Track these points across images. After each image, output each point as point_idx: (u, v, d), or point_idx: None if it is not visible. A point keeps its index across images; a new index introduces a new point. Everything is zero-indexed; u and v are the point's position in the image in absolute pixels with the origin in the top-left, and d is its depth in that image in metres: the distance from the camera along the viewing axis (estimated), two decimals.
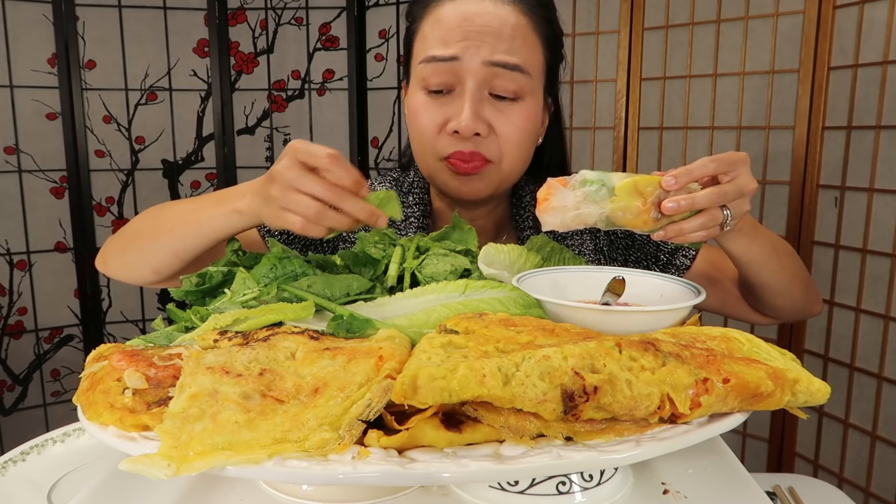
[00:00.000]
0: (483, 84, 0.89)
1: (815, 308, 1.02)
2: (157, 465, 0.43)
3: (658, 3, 1.95)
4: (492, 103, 0.91)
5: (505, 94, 0.90)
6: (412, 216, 1.03)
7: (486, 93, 0.90)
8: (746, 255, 0.86)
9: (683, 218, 0.71)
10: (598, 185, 0.70)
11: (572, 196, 0.71)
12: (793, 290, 0.94)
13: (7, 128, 2.23)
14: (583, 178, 0.71)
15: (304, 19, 2.46)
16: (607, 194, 0.70)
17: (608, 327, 0.62)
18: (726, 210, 0.72)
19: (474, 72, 0.88)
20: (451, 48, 0.88)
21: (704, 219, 0.71)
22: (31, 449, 0.92)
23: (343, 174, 0.70)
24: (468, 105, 0.88)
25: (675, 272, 1.03)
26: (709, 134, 1.92)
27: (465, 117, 0.88)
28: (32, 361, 2.36)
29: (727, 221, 0.72)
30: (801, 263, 0.97)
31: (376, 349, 0.55)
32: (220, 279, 0.73)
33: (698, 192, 0.71)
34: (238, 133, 2.50)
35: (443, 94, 0.91)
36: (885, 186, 1.58)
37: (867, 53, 1.60)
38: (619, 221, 0.71)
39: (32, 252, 2.32)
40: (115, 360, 0.57)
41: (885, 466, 1.64)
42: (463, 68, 0.88)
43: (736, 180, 0.72)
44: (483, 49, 0.87)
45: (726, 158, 0.72)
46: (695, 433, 0.50)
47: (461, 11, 0.89)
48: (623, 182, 0.70)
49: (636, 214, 0.70)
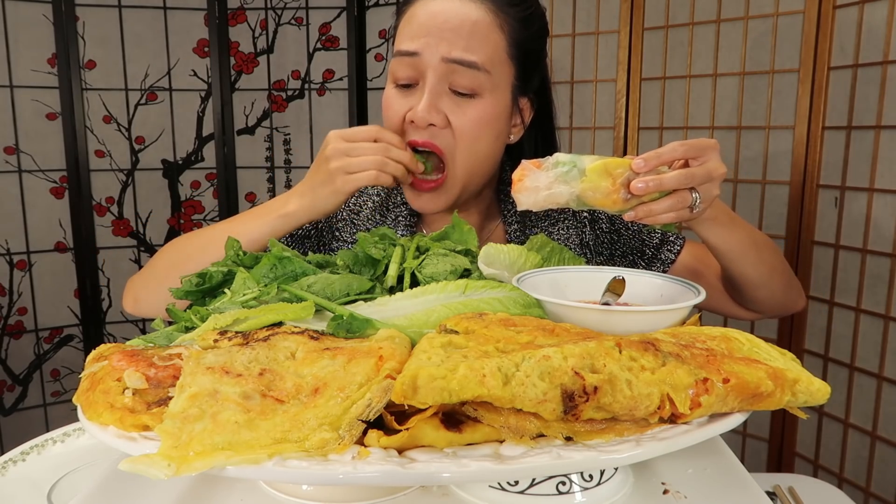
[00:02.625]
0: (443, 79, 0.93)
1: (798, 303, 1.05)
2: (157, 465, 0.43)
3: (658, 3, 1.95)
4: (451, 98, 0.94)
5: (462, 90, 0.93)
6: (400, 215, 1.06)
7: (447, 87, 0.94)
8: (724, 245, 0.89)
9: (653, 199, 0.74)
10: (570, 166, 0.74)
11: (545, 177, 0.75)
12: (772, 283, 0.97)
13: (7, 128, 2.23)
14: (556, 160, 0.75)
15: (304, 19, 2.46)
16: (578, 175, 0.74)
17: (608, 327, 0.62)
18: (695, 193, 0.75)
19: (434, 67, 0.92)
20: (414, 44, 0.93)
21: (673, 200, 0.74)
22: (31, 449, 0.92)
23: (389, 135, 0.91)
24: (426, 97, 0.93)
25: (660, 266, 1.06)
26: (709, 134, 1.92)
27: (422, 107, 0.92)
28: (32, 361, 2.36)
29: (696, 204, 0.75)
30: (781, 258, 1.00)
31: (376, 349, 0.55)
32: (220, 279, 0.73)
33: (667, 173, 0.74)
34: (238, 133, 2.50)
35: (409, 87, 0.96)
36: (885, 186, 1.58)
37: (867, 53, 1.60)
38: (589, 201, 0.74)
39: (32, 252, 2.31)
40: (115, 360, 0.57)
41: (885, 466, 1.64)
42: (424, 63, 0.92)
43: (705, 164, 0.75)
44: (442, 45, 0.91)
45: (696, 144, 0.75)
46: (695, 433, 0.50)
47: (429, 10, 0.93)
48: (594, 164, 0.74)
49: (605, 195, 0.73)
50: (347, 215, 1.08)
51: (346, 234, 1.06)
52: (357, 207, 1.09)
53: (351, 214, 1.08)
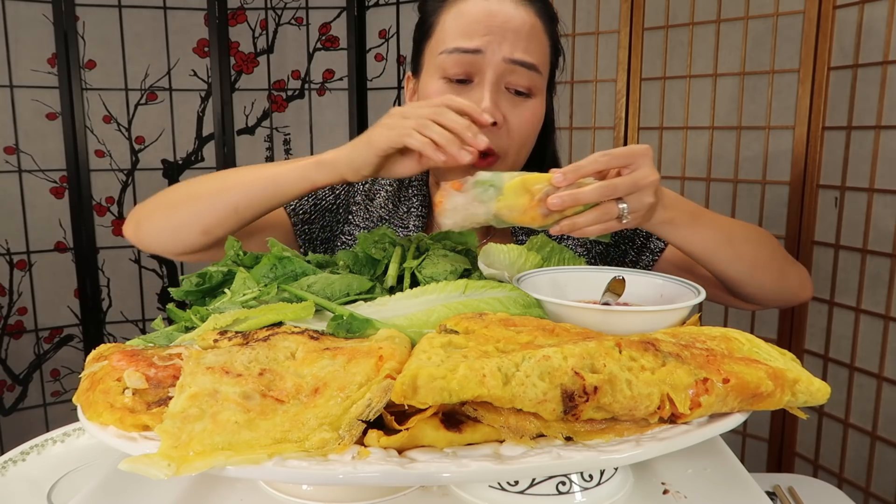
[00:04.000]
0: (500, 78, 0.93)
1: (802, 294, 1.01)
2: (157, 465, 0.43)
3: (658, 3, 1.95)
4: (507, 97, 0.95)
5: (520, 89, 0.95)
6: (412, 207, 1.06)
7: (503, 86, 0.94)
8: (689, 245, 0.87)
9: (577, 213, 0.73)
10: (487, 185, 0.74)
11: (462, 198, 0.75)
12: (757, 278, 0.94)
13: (7, 128, 2.23)
14: (475, 180, 0.75)
15: (304, 19, 2.46)
16: (495, 194, 0.74)
17: (608, 327, 0.62)
18: (622, 203, 0.73)
19: (495, 65, 0.92)
20: (475, 41, 0.92)
21: (597, 213, 0.73)
22: (31, 449, 0.92)
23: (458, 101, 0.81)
24: (488, 95, 0.93)
25: (649, 255, 1.06)
26: (709, 134, 1.92)
27: (486, 105, 0.92)
28: (32, 361, 2.36)
29: (624, 214, 0.74)
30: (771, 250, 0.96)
31: (376, 349, 0.55)
32: (220, 279, 0.73)
33: (585, 187, 0.72)
34: (238, 133, 2.50)
35: (461, 83, 0.95)
36: (885, 186, 1.58)
37: (867, 53, 1.60)
38: (507, 218, 0.74)
39: (32, 252, 2.31)
40: (115, 360, 0.57)
41: (885, 466, 1.64)
42: (485, 61, 0.92)
43: (633, 173, 0.73)
44: (504, 45, 0.92)
45: (622, 152, 0.73)
46: (695, 433, 0.50)
47: (484, 7, 0.93)
48: (512, 181, 0.73)
49: (522, 212, 0.73)
50: (362, 199, 1.08)
51: (357, 219, 1.07)
52: (372, 194, 1.09)
53: (365, 199, 1.09)
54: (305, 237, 1.07)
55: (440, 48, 0.95)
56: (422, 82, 1.00)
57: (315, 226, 1.07)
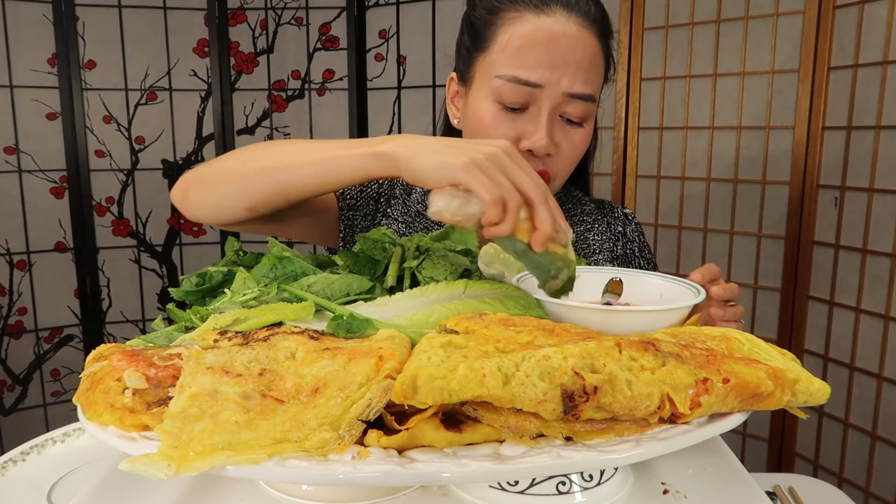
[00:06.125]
0: (557, 109, 0.93)
1: None
2: (156, 465, 0.43)
3: (658, 3, 1.95)
4: (561, 126, 0.95)
5: (574, 119, 0.94)
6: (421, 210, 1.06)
7: (558, 115, 0.94)
8: None
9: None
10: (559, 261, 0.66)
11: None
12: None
13: (7, 128, 2.23)
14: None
15: (304, 19, 2.46)
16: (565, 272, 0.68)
17: (608, 327, 0.62)
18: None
19: (553, 98, 0.92)
20: (536, 74, 0.90)
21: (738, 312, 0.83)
22: (31, 449, 0.92)
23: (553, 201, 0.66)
24: (545, 127, 0.92)
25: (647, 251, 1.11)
26: (709, 134, 1.92)
27: (541, 138, 0.92)
28: (32, 361, 2.36)
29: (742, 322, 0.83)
30: None
31: (376, 349, 0.55)
32: (220, 279, 0.73)
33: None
34: (238, 133, 2.50)
35: (517, 111, 0.94)
36: (885, 186, 1.58)
37: (867, 53, 1.60)
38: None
39: (32, 252, 2.32)
40: (115, 360, 0.57)
41: (885, 466, 1.64)
42: (544, 95, 0.91)
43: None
44: (564, 80, 0.91)
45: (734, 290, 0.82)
46: (695, 433, 0.50)
47: (547, 33, 0.91)
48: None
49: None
50: (401, 192, 1.08)
51: (395, 212, 1.07)
52: (410, 188, 1.09)
53: (403, 193, 1.09)
54: (348, 223, 1.06)
55: (496, 70, 0.93)
56: (472, 97, 0.98)
57: (359, 213, 1.06)
